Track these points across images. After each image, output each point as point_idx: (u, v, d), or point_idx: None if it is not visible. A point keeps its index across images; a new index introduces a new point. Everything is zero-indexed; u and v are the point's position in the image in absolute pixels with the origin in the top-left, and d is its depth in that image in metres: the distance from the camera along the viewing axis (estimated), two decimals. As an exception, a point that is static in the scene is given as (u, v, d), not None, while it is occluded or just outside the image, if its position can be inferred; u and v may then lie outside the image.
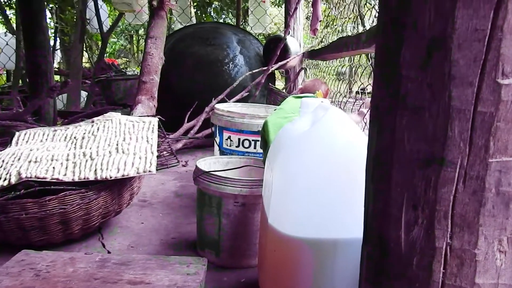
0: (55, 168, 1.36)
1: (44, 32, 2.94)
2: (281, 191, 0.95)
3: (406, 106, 0.41)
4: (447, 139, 0.39)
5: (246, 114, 1.73)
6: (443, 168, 0.40)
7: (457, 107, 0.39)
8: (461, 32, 0.37)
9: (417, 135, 0.41)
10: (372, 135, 0.47)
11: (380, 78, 0.46)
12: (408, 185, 0.42)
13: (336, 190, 0.90)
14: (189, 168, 2.36)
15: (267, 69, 2.89)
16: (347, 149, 0.92)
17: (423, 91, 0.40)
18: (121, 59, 9.28)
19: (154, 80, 2.33)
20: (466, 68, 0.38)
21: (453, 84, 0.39)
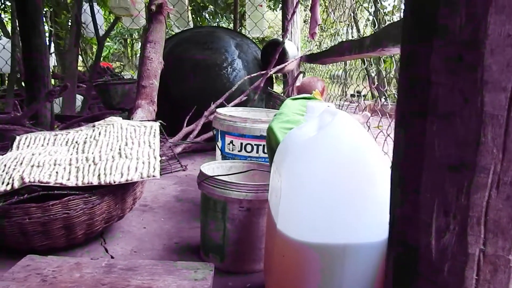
0: (58, 172, 1.35)
1: (41, 36, 2.92)
2: (290, 196, 0.95)
3: (436, 112, 0.41)
4: (480, 145, 0.39)
5: (248, 118, 1.73)
6: (475, 173, 0.40)
7: (490, 112, 0.39)
8: (494, 37, 0.37)
9: (448, 140, 0.41)
10: (398, 140, 0.47)
11: (406, 83, 0.45)
12: (438, 191, 0.42)
13: (346, 195, 0.90)
14: (188, 172, 2.35)
15: (266, 73, 2.90)
16: (356, 154, 0.92)
17: (454, 97, 0.40)
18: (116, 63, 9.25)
19: (154, 85, 2.32)
20: (499, 73, 0.38)
21: (486, 89, 0.38)
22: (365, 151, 0.93)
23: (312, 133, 1.02)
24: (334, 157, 0.93)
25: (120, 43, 10.12)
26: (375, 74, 2.90)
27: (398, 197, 0.48)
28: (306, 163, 0.95)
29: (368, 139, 0.98)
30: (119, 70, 7.19)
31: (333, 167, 0.92)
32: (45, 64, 2.90)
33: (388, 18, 3.37)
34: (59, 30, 5.75)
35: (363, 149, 0.94)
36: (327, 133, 0.97)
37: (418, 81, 0.43)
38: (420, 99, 0.43)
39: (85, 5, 4.23)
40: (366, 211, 0.89)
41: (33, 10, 2.83)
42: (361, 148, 0.94)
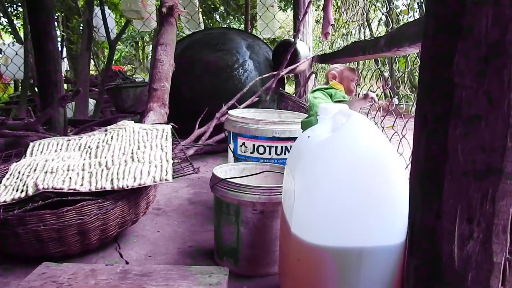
0: (72, 178, 1.35)
1: (54, 42, 2.95)
2: (304, 199, 0.94)
3: (460, 115, 0.40)
4: (506, 150, 0.38)
5: (260, 120, 1.72)
6: (501, 180, 0.38)
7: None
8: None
9: (472, 145, 0.39)
10: (419, 143, 0.46)
11: (428, 85, 0.44)
12: (462, 197, 0.40)
13: (361, 197, 0.88)
14: (201, 175, 2.35)
15: (277, 73, 2.89)
16: (370, 156, 0.91)
17: (479, 100, 0.38)
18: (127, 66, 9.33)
19: (165, 87, 2.32)
20: (528, 75, 0.36)
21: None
22: (381, 153, 0.92)
23: (326, 135, 1.01)
24: (349, 158, 0.91)
25: (131, 46, 10.20)
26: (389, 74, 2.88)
27: (419, 203, 0.47)
28: (320, 165, 0.93)
29: (384, 140, 0.96)
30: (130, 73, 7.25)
31: (349, 169, 0.90)
32: (57, 70, 2.93)
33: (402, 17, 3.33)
34: (71, 35, 5.82)
35: (379, 150, 0.92)
36: (342, 134, 0.96)
37: (441, 83, 0.41)
38: (443, 102, 0.41)
39: (96, 9, 4.26)
40: (383, 213, 0.88)
41: (45, 16, 2.85)
42: (377, 149, 0.92)
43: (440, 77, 0.42)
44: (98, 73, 5.64)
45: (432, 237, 0.44)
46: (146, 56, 10.03)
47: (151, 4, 3.44)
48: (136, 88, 3.48)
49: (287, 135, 1.69)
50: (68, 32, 5.80)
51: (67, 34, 5.85)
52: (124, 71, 6.76)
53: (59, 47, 3.68)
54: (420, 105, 0.46)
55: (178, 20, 3.08)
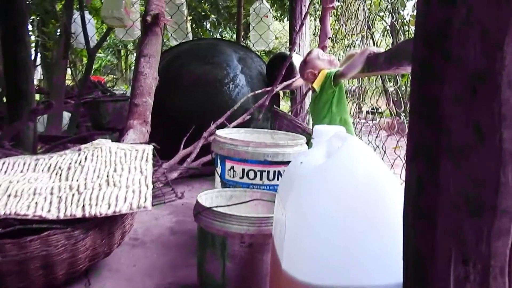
0: (38, 203, 1.35)
1: (26, 48, 2.95)
2: (296, 232, 0.94)
3: (450, 147, 0.41)
4: (500, 186, 0.39)
5: (251, 141, 1.73)
6: (496, 218, 0.39)
7: (510, 150, 0.39)
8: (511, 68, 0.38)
9: (464, 179, 0.41)
10: (411, 177, 0.47)
11: (418, 114, 0.46)
12: (456, 236, 0.41)
13: (359, 231, 0.89)
14: (185, 200, 2.35)
15: (271, 89, 2.91)
16: (369, 185, 0.92)
17: (469, 132, 0.40)
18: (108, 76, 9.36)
19: (147, 103, 2.34)
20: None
21: (505, 125, 0.38)
22: (380, 182, 0.93)
23: (320, 161, 1.02)
24: (345, 188, 0.92)
25: (113, 55, 10.26)
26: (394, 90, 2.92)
27: (412, 241, 0.48)
28: (313, 195, 0.94)
29: (383, 168, 0.97)
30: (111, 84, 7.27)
31: (344, 200, 0.91)
32: (29, 79, 2.92)
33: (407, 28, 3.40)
34: (47, 41, 5.84)
35: (378, 179, 0.93)
36: (336, 161, 0.97)
37: (430, 113, 0.43)
38: (433, 133, 0.43)
39: (76, 14, 4.29)
40: (383, 249, 0.88)
41: (18, 19, 2.85)
42: (375, 178, 0.93)
43: (429, 107, 0.43)
44: (75, 84, 5.66)
45: (426, 281, 0.44)
46: (129, 66, 10.09)
47: (135, 11, 3.48)
48: (116, 102, 3.49)
49: (280, 159, 1.70)
50: (43, 38, 5.83)
51: (42, 39, 5.88)
52: (104, 82, 6.79)
53: (32, 53, 3.69)
54: (411, 135, 0.47)
55: (164, 30, 3.12)
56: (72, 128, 4.01)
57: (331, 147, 1.07)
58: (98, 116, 3.48)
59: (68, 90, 4.96)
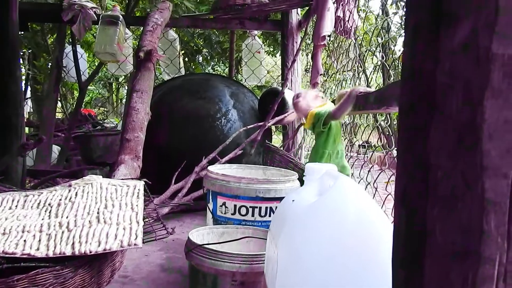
0: (27, 241, 1.34)
1: (17, 82, 2.97)
2: (287, 271, 0.95)
3: (437, 195, 0.43)
4: (483, 233, 0.41)
5: (243, 177, 1.75)
6: (480, 264, 0.41)
7: (491, 199, 0.41)
8: (491, 122, 0.40)
9: (450, 226, 0.42)
10: (400, 221, 0.49)
11: (405, 162, 0.48)
12: (443, 281, 0.43)
13: (349, 271, 0.90)
14: (176, 236, 2.33)
15: (264, 124, 2.94)
16: (360, 225, 0.93)
17: (455, 180, 0.42)
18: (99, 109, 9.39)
19: (139, 138, 2.36)
20: (499, 159, 0.40)
21: (486, 175, 0.41)
22: (371, 221, 0.95)
23: (311, 199, 1.04)
24: (336, 227, 0.94)
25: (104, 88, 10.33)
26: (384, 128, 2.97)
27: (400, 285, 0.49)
28: (305, 233, 0.95)
29: (375, 207, 0.99)
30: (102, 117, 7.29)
31: (336, 239, 0.92)
32: (19, 113, 2.94)
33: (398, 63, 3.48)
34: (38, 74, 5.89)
35: (369, 218, 0.95)
36: (328, 199, 0.99)
37: (417, 160, 0.45)
38: (420, 180, 0.45)
39: (68, 48, 4.35)
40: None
41: (9, 53, 2.89)
42: (367, 217, 0.95)
43: (417, 154, 0.46)
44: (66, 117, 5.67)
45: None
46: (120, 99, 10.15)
47: (128, 46, 3.54)
48: (107, 136, 3.51)
49: (273, 195, 1.71)
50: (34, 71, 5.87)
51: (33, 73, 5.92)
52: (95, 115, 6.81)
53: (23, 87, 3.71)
54: (399, 180, 0.49)
55: (157, 64, 3.17)
56: (62, 162, 4.00)
57: (322, 185, 1.09)
58: (89, 150, 3.48)
59: (58, 123, 4.97)
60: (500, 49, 0.39)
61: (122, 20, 3.23)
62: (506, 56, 0.39)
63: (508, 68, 0.40)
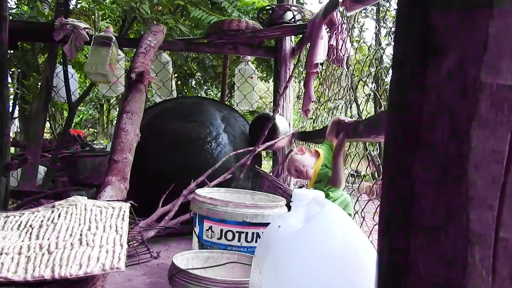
0: (4, 264, 1.31)
1: (4, 102, 2.95)
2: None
3: (421, 225, 0.43)
4: (467, 266, 0.40)
5: (230, 201, 1.74)
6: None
7: (477, 231, 0.40)
8: (478, 152, 0.40)
9: (433, 258, 0.42)
10: (383, 251, 0.48)
11: (390, 191, 0.47)
12: (425, 316, 0.42)
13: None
14: (161, 261, 2.29)
15: (254, 149, 2.94)
16: (345, 253, 0.92)
17: (438, 210, 0.41)
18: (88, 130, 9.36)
19: (128, 159, 2.34)
20: (485, 189, 0.40)
21: (471, 206, 0.40)
22: (357, 249, 0.94)
23: (298, 225, 1.03)
24: (321, 254, 0.93)
25: (95, 109, 10.31)
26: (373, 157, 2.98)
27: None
28: (290, 260, 0.94)
29: (360, 235, 0.98)
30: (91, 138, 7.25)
31: (321, 266, 0.91)
32: (5, 133, 2.91)
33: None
34: (26, 93, 5.86)
35: (355, 246, 0.94)
36: (314, 226, 0.98)
37: (401, 190, 0.45)
38: (404, 210, 0.44)
39: (59, 68, 4.34)
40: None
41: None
42: (352, 245, 0.94)
43: (401, 184, 0.45)
44: (54, 137, 5.63)
45: None
46: (110, 121, 10.12)
47: (120, 67, 3.55)
48: (95, 157, 3.48)
49: (259, 220, 1.70)
50: (23, 90, 5.84)
51: (21, 92, 5.89)
52: (84, 136, 6.77)
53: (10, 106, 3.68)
54: (383, 210, 0.49)
55: (149, 86, 3.17)
56: (47, 183, 3.95)
57: (309, 211, 1.09)
58: (76, 171, 3.45)
59: (46, 144, 4.92)
60: (488, 78, 0.39)
61: (115, 41, 3.24)
62: (494, 86, 0.39)
63: (496, 98, 0.40)
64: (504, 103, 0.39)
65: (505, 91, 0.39)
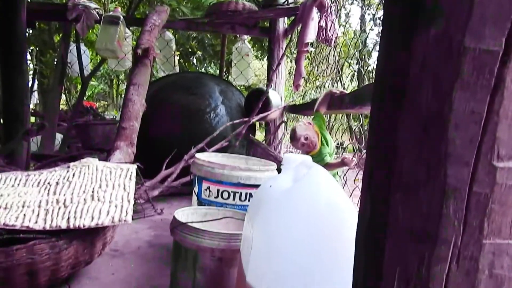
0: (26, 215, 1.30)
1: (24, 75, 2.92)
2: (261, 249, 0.93)
3: (401, 181, 0.41)
4: (442, 217, 0.39)
5: (227, 165, 1.73)
6: (436, 245, 0.40)
7: (452, 186, 0.39)
8: (458, 113, 0.39)
9: (411, 210, 0.41)
10: (365, 205, 0.47)
11: (374, 150, 0.46)
12: (401, 260, 0.41)
13: (317, 252, 0.88)
14: (164, 216, 2.30)
15: (248, 120, 2.93)
16: (329, 211, 0.92)
17: (419, 167, 0.40)
18: (100, 102, 9.26)
19: (134, 127, 2.31)
20: (462, 148, 0.39)
21: (449, 163, 0.39)
22: (341, 208, 0.93)
23: (287, 185, 1.02)
24: (308, 212, 0.92)
25: (105, 83, 10.19)
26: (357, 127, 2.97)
27: (362, 264, 0.48)
28: (279, 217, 0.94)
29: (344, 196, 0.98)
30: (102, 110, 7.18)
31: (307, 223, 0.91)
32: (25, 103, 2.89)
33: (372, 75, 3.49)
34: (44, 69, 5.77)
35: (339, 206, 0.94)
36: (302, 186, 0.97)
37: (385, 148, 0.43)
38: (386, 167, 0.43)
39: (72, 46, 4.27)
40: (339, 269, 0.88)
41: (17, 49, 2.84)
42: (336, 204, 0.93)
43: (384, 143, 0.44)
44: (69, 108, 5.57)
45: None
46: (119, 94, 10.01)
47: (127, 44, 3.47)
48: (105, 125, 3.44)
49: (252, 182, 1.69)
50: (41, 66, 5.75)
51: (40, 68, 5.80)
52: (96, 107, 6.71)
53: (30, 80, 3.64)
54: (367, 168, 0.48)
55: (154, 62, 3.12)
56: (64, 148, 3.93)
57: (298, 173, 1.07)
58: (88, 138, 3.42)
59: (62, 114, 4.87)
60: (472, 43, 0.38)
61: (123, 20, 3.17)
62: (477, 50, 0.38)
63: (478, 62, 0.38)
64: (486, 67, 0.38)
65: (487, 55, 0.37)
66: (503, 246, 0.40)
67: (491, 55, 0.37)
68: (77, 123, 3.78)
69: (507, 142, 0.38)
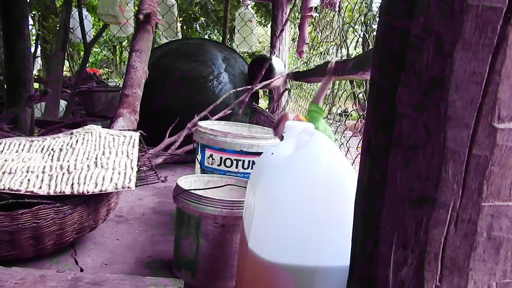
0: (30, 180, 1.31)
1: (26, 40, 2.88)
2: (263, 215, 0.94)
3: (400, 144, 0.41)
4: (440, 180, 0.39)
5: (229, 133, 1.72)
6: (435, 209, 0.40)
7: (452, 149, 0.39)
8: (459, 74, 0.37)
9: (410, 174, 0.40)
10: (363, 170, 0.47)
11: (374, 113, 0.45)
12: (398, 224, 0.41)
13: (317, 218, 0.89)
14: (168, 184, 2.32)
15: (251, 87, 2.90)
16: (330, 177, 0.92)
17: (418, 130, 0.40)
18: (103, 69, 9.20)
19: (137, 94, 2.30)
20: (463, 109, 0.38)
21: (449, 125, 0.38)
22: (341, 174, 0.93)
23: (288, 153, 1.02)
24: (309, 179, 0.92)
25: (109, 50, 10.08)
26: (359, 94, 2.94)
27: (360, 228, 0.48)
28: (280, 183, 0.94)
29: (345, 162, 0.97)
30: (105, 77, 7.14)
31: (307, 189, 0.91)
32: (28, 68, 2.86)
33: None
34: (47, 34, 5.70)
35: (339, 172, 0.93)
36: (303, 153, 0.97)
37: (385, 112, 0.43)
38: (386, 131, 0.43)
39: (74, 11, 4.19)
40: (338, 235, 0.88)
41: (18, 13, 2.79)
42: (337, 171, 0.93)
43: (384, 106, 0.43)
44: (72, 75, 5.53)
45: (369, 263, 0.44)
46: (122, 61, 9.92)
47: (129, 9, 3.41)
48: (108, 92, 3.43)
49: (255, 150, 1.69)
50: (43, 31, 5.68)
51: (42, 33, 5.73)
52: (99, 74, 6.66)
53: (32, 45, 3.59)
54: (366, 131, 0.47)
55: (156, 28, 3.06)
56: (67, 115, 3.93)
57: (299, 141, 1.07)
58: (91, 105, 3.41)
59: (65, 81, 4.85)
60: (475, 0, 0.36)
61: (125, -15, 3.10)
62: (480, 7, 0.36)
63: (480, 20, 0.36)
64: (488, 25, 0.36)
65: (490, 12, 0.36)
66: (502, 208, 0.39)
67: (494, 12, 0.36)
68: (80, 89, 3.76)
69: (508, 102, 0.37)
